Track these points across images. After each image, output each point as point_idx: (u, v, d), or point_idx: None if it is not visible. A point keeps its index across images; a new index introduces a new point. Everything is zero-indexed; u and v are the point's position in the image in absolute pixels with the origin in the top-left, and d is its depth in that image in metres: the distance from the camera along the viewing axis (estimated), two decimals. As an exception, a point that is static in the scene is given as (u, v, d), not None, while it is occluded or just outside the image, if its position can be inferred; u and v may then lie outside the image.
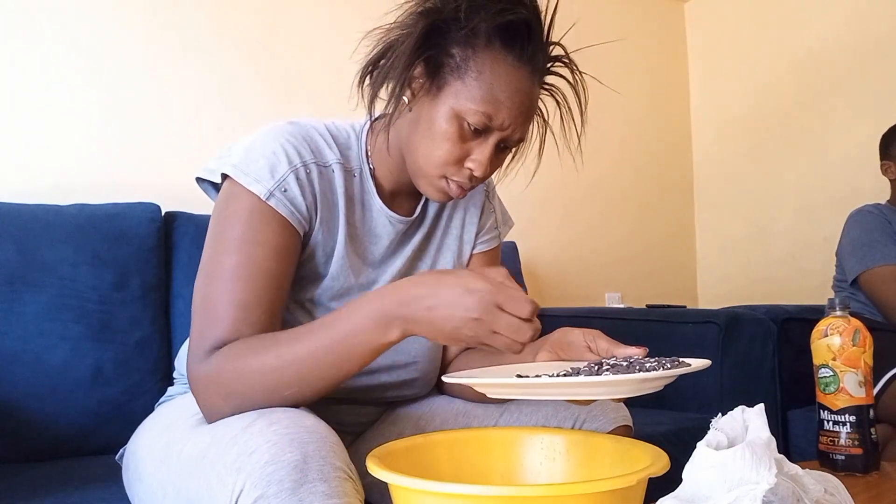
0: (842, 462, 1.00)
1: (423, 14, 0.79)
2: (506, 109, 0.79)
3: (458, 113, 0.79)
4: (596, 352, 0.81)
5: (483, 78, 0.77)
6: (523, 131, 0.83)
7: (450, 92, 0.79)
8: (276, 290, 0.78)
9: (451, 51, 0.79)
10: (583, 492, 0.56)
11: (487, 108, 0.78)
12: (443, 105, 0.79)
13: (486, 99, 0.78)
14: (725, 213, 2.81)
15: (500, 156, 0.86)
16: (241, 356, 0.71)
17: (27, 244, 1.25)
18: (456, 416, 0.94)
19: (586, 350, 0.82)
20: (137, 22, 1.67)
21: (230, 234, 0.78)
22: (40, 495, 0.96)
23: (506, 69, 0.78)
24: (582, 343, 0.82)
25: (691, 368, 0.67)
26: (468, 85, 0.78)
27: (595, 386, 0.66)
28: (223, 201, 0.81)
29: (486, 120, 0.79)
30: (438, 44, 0.79)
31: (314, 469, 0.60)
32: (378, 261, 0.91)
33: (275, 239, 0.78)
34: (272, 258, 0.78)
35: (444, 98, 0.79)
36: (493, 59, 0.78)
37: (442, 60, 0.79)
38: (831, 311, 1.04)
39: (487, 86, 0.77)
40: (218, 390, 0.71)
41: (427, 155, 0.81)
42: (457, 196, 0.85)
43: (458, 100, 0.78)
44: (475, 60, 0.78)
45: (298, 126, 0.85)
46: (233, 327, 0.74)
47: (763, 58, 2.66)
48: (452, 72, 0.79)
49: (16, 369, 1.19)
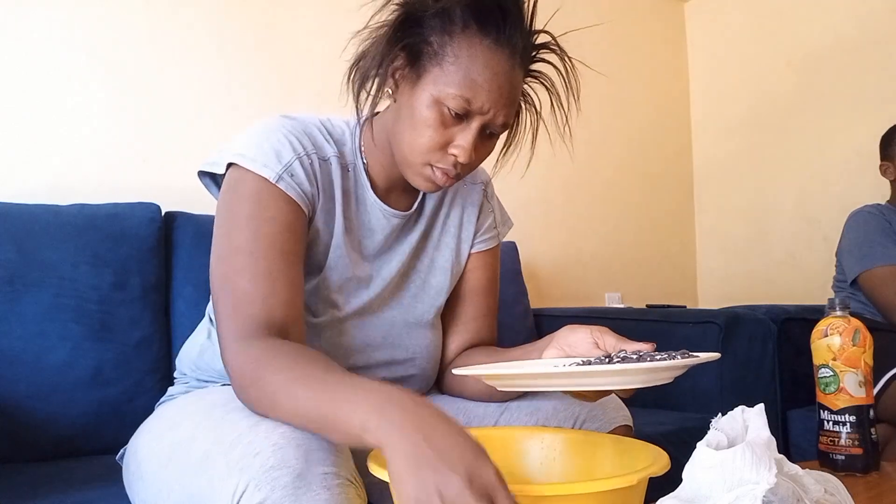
0: (842, 462, 1.00)
1: (400, 4, 0.80)
2: (485, 92, 0.78)
3: (438, 99, 0.79)
4: (604, 348, 0.81)
5: (460, 62, 0.78)
6: (506, 115, 0.82)
7: (429, 79, 0.79)
8: (292, 265, 0.79)
9: (429, 38, 0.79)
10: (583, 492, 0.57)
11: (465, 91, 0.78)
12: (423, 92, 0.79)
13: (463, 83, 0.78)
14: (725, 213, 2.81)
15: (486, 143, 0.85)
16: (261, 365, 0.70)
17: (27, 244, 1.25)
18: (456, 416, 0.94)
19: (594, 346, 0.82)
20: (137, 22, 1.67)
21: (240, 213, 0.78)
22: (40, 495, 0.96)
23: (482, 52, 0.78)
24: (589, 339, 0.82)
25: (701, 360, 0.68)
26: (446, 70, 0.78)
27: (607, 375, 0.66)
28: (230, 187, 0.81)
29: (465, 104, 0.79)
30: (416, 33, 0.79)
31: (317, 476, 0.61)
32: (373, 255, 0.92)
33: (285, 216, 0.79)
34: (284, 233, 0.79)
35: (424, 85, 0.79)
36: (469, 43, 0.78)
37: (421, 49, 0.80)
38: (831, 311, 1.04)
39: (465, 70, 0.78)
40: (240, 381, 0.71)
41: (411, 143, 0.82)
42: (443, 184, 0.85)
43: (437, 86, 0.78)
44: (451, 46, 0.78)
45: (296, 120, 0.86)
46: (263, 302, 0.74)
47: (763, 58, 2.66)
48: (431, 59, 0.79)
49: (16, 369, 1.19)
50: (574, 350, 0.84)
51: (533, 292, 2.07)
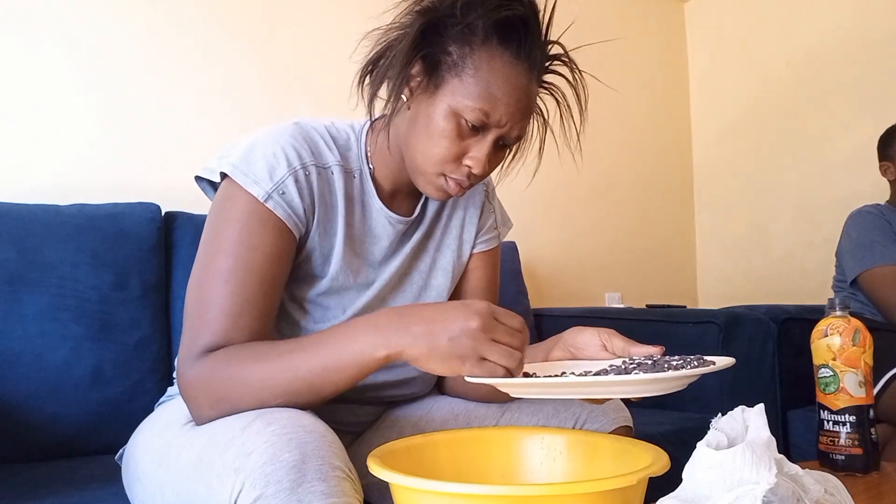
0: (842, 462, 1.00)
1: (421, 13, 0.79)
2: (503, 106, 0.78)
3: (456, 110, 0.79)
4: (612, 351, 0.81)
5: (480, 75, 0.77)
6: (521, 129, 0.83)
7: (447, 89, 0.79)
8: (268, 296, 0.78)
9: (449, 48, 0.79)
10: (583, 491, 0.56)
11: (484, 104, 0.78)
12: (440, 103, 0.79)
13: (482, 96, 0.78)
14: (725, 213, 2.81)
15: (499, 154, 0.86)
16: (231, 364, 0.71)
17: (27, 244, 1.25)
18: (456, 416, 0.94)
19: (601, 349, 0.82)
20: (138, 22, 1.67)
21: (225, 236, 0.78)
22: (40, 495, 0.96)
23: (503, 66, 0.78)
24: (597, 342, 0.82)
25: (718, 367, 0.68)
26: (465, 82, 0.78)
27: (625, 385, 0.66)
28: (220, 202, 0.81)
29: (483, 117, 0.78)
30: (436, 42, 0.79)
31: (312, 469, 0.60)
32: (378, 261, 0.92)
33: (270, 243, 0.78)
34: (266, 262, 0.78)
35: (442, 96, 0.79)
36: (490, 55, 0.78)
37: (439, 58, 0.79)
38: (831, 311, 1.04)
39: (484, 83, 0.77)
40: (207, 395, 0.71)
41: (425, 153, 0.81)
42: (455, 194, 0.85)
43: (456, 97, 0.78)
44: (472, 58, 0.78)
45: (300, 127, 0.85)
46: (223, 333, 0.74)
47: (763, 58, 2.66)
48: (450, 69, 0.79)
49: (16, 369, 1.19)
50: (581, 352, 0.83)
51: (533, 292, 2.07)
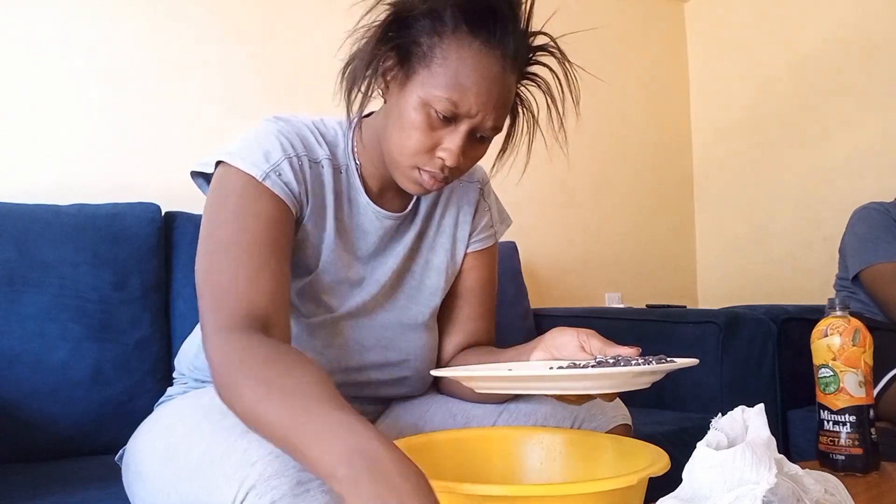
0: (842, 462, 1.00)
1: (391, 4, 0.79)
2: (472, 95, 0.77)
3: (425, 101, 0.78)
4: (589, 351, 0.81)
5: (448, 64, 0.77)
6: (496, 119, 0.81)
7: (417, 80, 0.78)
8: (279, 259, 0.78)
9: (419, 39, 0.78)
10: (583, 492, 0.56)
11: (452, 94, 0.77)
12: (411, 94, 0.79)
13: (450, 85, 0.77)
14: (725, 213, 2.81)
15: (477, 146, 0.84)
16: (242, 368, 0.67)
17: (27, 244, 1.25)
18: (455, 416, 0.94)
19: (579, 349, 0.82)
20: (138, 22, 1.67)
21: (225, 209, 0.78)
22: (40, 495, 0.96)
23: (472, 54, 0.77)
24: (575, 342, 0.82)
25: (676, 365, 0.68)
26: (434, 72, 0.77)
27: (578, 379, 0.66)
28: (217, 184, 0.81)
29: (452, 107, 0.77)
30: (406, 34, 0.79)
31: (316, 482, 0.61)
32: (367, 256, 0.91)
33: (270, 212, 0.79)
34: (269, 228, 0.78)
35: (412, 87, 0.79)
36: (459, 44, 0.77)
37: (410, 50, 0.79)
38: (831, 311, 1.04)
39: (452, 72, 0.77)
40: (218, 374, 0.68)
41: (399, 145, 0.81)
42: (431, 188, 0.84)
43: (425, 87, 0.78)
44: (441, 47, 0.77)
45: (289, 123, 0.86)
46: (245, 297, 0.73)
47: (763, 58, 2.66)
48: (420, 60, 0.78)
49: (16, 369, 1.19)
50: (560, 353, 0.84)
51: (533, 292, 2.07)
